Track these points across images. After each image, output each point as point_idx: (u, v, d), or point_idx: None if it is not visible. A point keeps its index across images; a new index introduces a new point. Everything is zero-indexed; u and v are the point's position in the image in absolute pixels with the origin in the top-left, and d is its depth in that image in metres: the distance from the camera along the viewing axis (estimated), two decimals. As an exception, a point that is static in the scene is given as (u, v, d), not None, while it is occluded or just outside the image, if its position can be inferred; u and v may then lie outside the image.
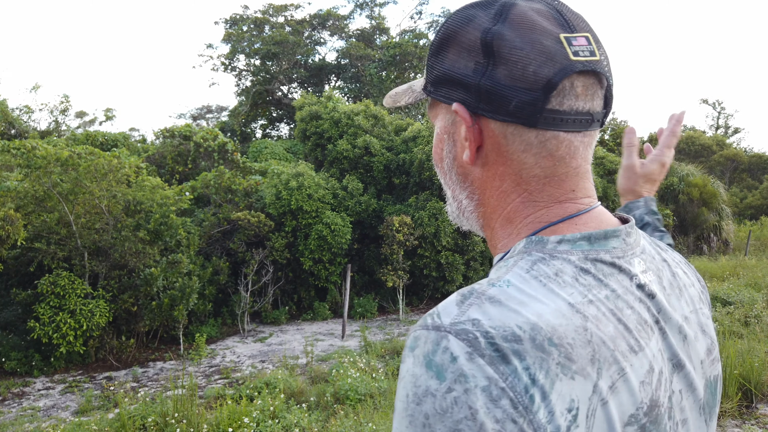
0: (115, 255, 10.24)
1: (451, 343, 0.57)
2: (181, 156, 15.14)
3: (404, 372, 0.59)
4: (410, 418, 0.56)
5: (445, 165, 0.78)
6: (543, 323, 0.59)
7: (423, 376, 0.56)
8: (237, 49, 25.59)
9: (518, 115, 0.67)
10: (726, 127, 45.08)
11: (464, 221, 0.81)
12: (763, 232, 22.36)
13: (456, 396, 0.55)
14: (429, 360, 0.57)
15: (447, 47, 0.72)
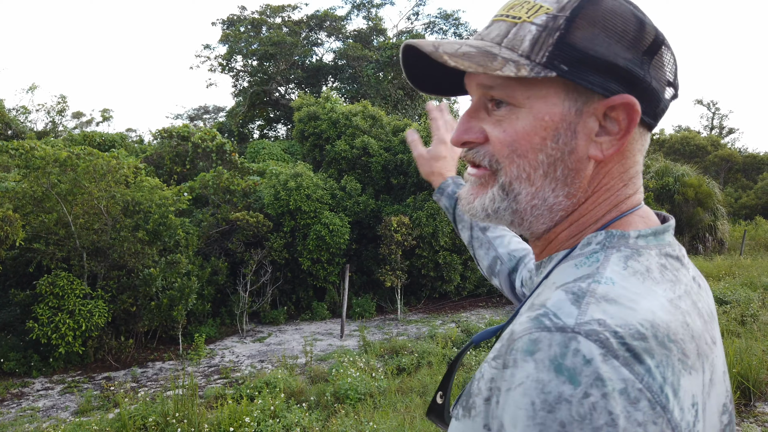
0: (113, 255, 10.25)
1: (582, 345, 0.54)
2: (179, 156, 15.15)
3: (522, 378, 0.55)
4: (541, 427, 0.52)
5: (543, 157, 0.69)
6: (659, 320, 0.58)
7: (553, 382, 0.53)
8: (234, 50, 25.61)
9: (658, 118, 0.69)
10: (720, 127, 45.31)
11: (527, 220, 0.74)
12: (758, 232, 22.49)
13: (594, 401, 0.52)
14: (558, 364, 0.54)
15: (599, 29, 0.67)
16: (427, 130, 15.06)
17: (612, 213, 0.72)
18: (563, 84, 0.68)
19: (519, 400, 0.55)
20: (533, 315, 0.60)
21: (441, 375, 7.24)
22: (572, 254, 0.70)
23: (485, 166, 0.73)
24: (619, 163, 0.71)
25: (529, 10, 0.69)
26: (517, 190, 0.71)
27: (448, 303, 14.24)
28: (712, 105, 45.38)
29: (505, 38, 0.69)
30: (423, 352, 8.71)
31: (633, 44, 0.67)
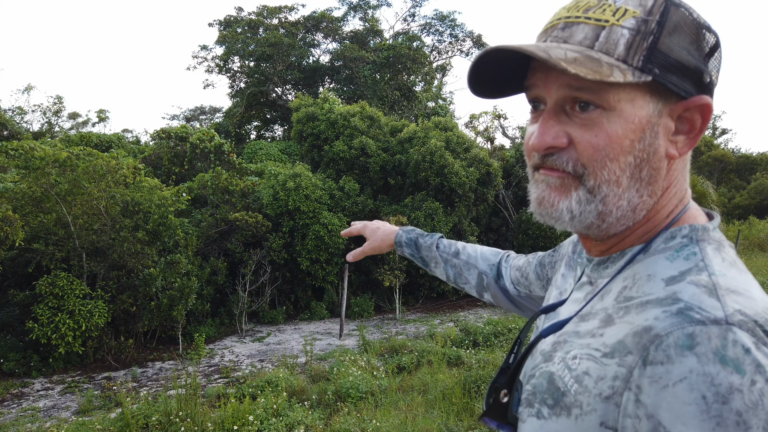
0: (113, 255, 10.27)
1: (738, 335, 0.57)
2: (177, 157, 15.16)
3: (685, 373, 0.57)
4: (717, 419, 0.53)
5: (631, 159, 0.71)
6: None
7: (721, 374, 0.55)
8: (231, 51, 25.61)
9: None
10: (714, 128, 45.52)
11: (608, 221, 0.75)
12: (752, 232, 22.65)
13: (761, 387, 0.54)
14: (722, 356, 0.56)
15: (680, 33, 0.70)
16: (424, 130, 15.13)
17: (678, 207, 0.76)
18: (649, 86, 0.70)
19: (685, 395, 0.56)
20: (673, 310, 0.62)
21: (441, 373, 7.30)
22: (654, 248, 0.73)
23: (568, 171, 0.74)
24: (683, 160, 0.77)
25: (615, 12, 0.70)
26: (604, 193, 0.72)
27: (446, 302, 14.31)
28: (705, 106, 45.62)
29: (596, 42, 0.70)
30: (422, 351, 8.76)
31: (700, 46, 0.71)
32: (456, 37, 28.40)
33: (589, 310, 0.77)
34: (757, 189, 30.12)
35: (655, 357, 0.60)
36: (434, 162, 13.77)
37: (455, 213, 14.12)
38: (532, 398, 0.76)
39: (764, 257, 16.65)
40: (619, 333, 0.66)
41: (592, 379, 0.66)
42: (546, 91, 0.74)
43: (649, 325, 0.63)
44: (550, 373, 0.74)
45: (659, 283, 0.68)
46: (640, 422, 0.59)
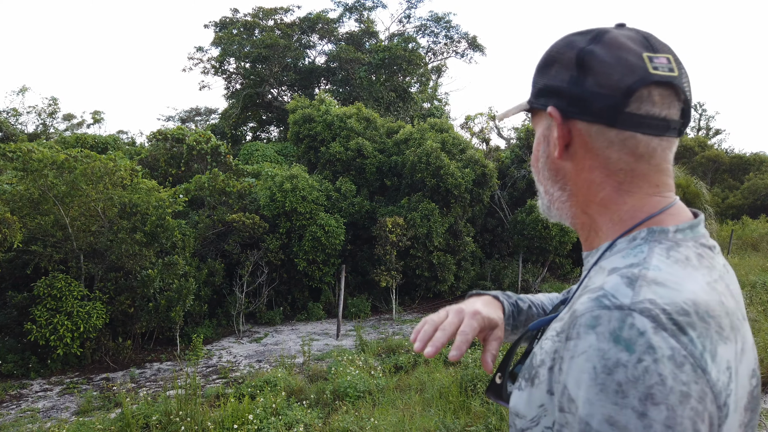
0: (111, 257, 10.31)
1: (637, 320, 0.66)
2: (174, 159, 15.19)
3: (585, 347, 0.68)
4: (601, 386, 0.65)
5: (540, 164, 0.92)
6: (699, 300, 0.70)
7: (612, 350, 0.65)
8: (227, 52, 25.62)
9: (601, 115, 0.81)
10: (708, 128, 45.76)
11: (554, 213, 0.94)
12: (745, 232, 22.81)
13: (646, 365, 0.64)
14: (616, 335, 0.66)
15: (549, 66, 0.87)
16: (420, 132, 15.21)
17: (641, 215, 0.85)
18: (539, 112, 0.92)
19: (582, 365, 0.68)
20: (593, 296, 0.73)
21: (438, 372, 7.38)
22: (618, 247, 0.84)
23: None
24: (590, 160, 0.86)
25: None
26: (541, 191, 0.95)
27: (443, 303, 14.39)
28: (699, 106, 45.83)
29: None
30: (419, 350, 8.83)
31: (566, 69, 0.85)
32: (451, 38, 28.52)
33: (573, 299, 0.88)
34: (750, 189, 30.31)
35: (571, 334, 0.72)
36: (430, 163, 13.86)
37: (451, 214, 14.22)
38: (520, 375, 0.89)
39: (758, 256, 16.80)
40: (566, 315, 0.79)
41: (546, 354, 0.81)
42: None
43: (575, 308, 0.75)
44: (533, 353, 0.87)
45: (603, 275, 0.80)
46: (559, 386, 0.73)
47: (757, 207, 29.27)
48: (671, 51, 0.84)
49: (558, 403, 0.73)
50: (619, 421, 0.64)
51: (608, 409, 0.65)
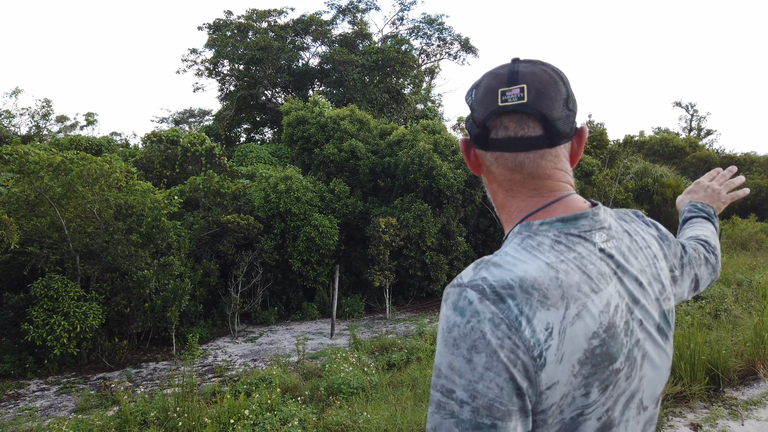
0: (107, 258, 10.41)
1: (468, 293, 0.90)
2: (168, 160, 15.29)
3: (441, 315, 0.93)
4: (445, 341, 0.89)
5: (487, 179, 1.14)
6: (528, 276, 0.91)
7: (452, 315, 0.89)
8: (221, 54, 25.71)
9: (479, 144, 1.06)
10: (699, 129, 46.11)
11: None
12: (735, 231, 23.07)
13: (472, 325, 0.87)
14: (455, 305, 0.90)
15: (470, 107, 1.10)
16: (412, 133, 15.36)
17: (524, 212, 1.07)
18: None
19: (439, 326, 0.92)
20: (455, 278, 0.97)
21: (430, 369, 7.54)
22: (506, 237, 1.08)
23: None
24: (488, 175, 1.11)
25: None
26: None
27: (436, 302, 14.56)
28: (690, 107, 46.22)
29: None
30: (412, 348, 8.99)
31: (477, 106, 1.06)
32: (444, 40, 28.71)
33: None
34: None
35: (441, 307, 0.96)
36: (423, 164, 14.02)
37: (444, 214, 14.39)
38: None
39: (746, 255, 17.04)
40: None
41: None
42: None
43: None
44: None
45: None
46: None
47: (747, 207, 29.59)
48: (531, 80, 1.02)
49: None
50: (455, 365, 0.88)
51: (448, 357, 0.89)
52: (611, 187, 17.34)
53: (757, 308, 7.87)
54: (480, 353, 0.87)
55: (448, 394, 0.89)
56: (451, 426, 0.88)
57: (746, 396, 5.50)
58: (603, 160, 18.77)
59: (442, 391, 0.89)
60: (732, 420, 4.80)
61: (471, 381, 0.88)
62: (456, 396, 0.88)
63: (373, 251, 13.15)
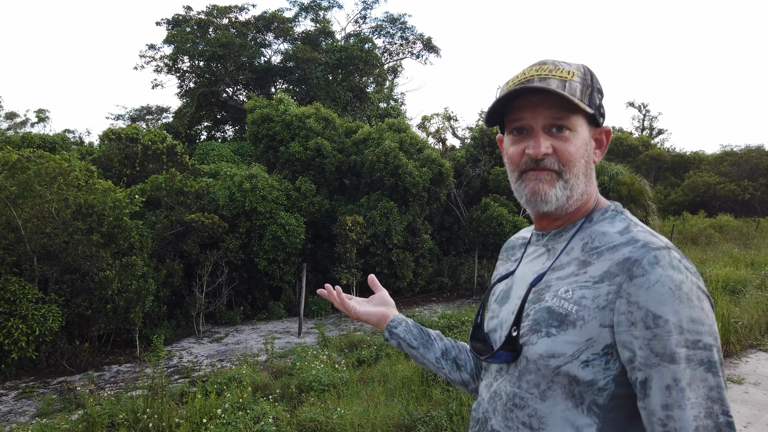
0: (67, 259, 10.13)
1: (673, 254, 1.05)
2: (128, 159, 14.94)
3: (659, 276, 1.01)
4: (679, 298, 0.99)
5: (583, 162, 1.22)
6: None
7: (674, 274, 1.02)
8: (180, 51, 25.20)
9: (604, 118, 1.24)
10: (651, 128, 47.63)
11: (570, 203, 1.23)
12: (685, 227, 23.98)
13: (690, 278, 1.02)
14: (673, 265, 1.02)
15: (597, 89, 1.22)
16: (378, 132, 15.45)
17: (596, 195, 1.24)
18: (585, 118, 1.18)
19: (660, 289, 0.99)
20: (639, 245, 1.06)
21: (400, 364, 7.64)
22: (596, 219, 1.20)
23: (553, 170, 1.16)
24: (595, 167, 1.25)
25: (568, 73, 1.16)
26: (572, 183, 1.17)
27: (402, 299, 14.69)
28: (643, 107, 47.72)
29: (564, 89, 1.13)
30: (381, 345, 9.07)
31: (601, 99, 1.21)
32: (407, 39, 28.89)
33: (559, 263, 1.19)
34: (690, 186, 31.81)
35: (636, 272, 1.02)
36: (388, 162, 14.13)
37: (409, 212, 14.53)
38: (537, 327, 1.14)
39: (697, 250, 17.78)
40: (603, 267, 1.08)
41: (589, 299, 1.08)
42: (534, 121, 1.17)
43: (628, 256, 1.05)
44: (547, 307, 1.14)
45: (614, 235, 1.13)
46: (633, 314, 1.01)
47: (696, 203, 30.76)
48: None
49: (641, 325, 0.99)
50: (695, 316, 0.98)
51: (687, 311, 0.98)
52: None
53: (710, 300, 8.24)
54: (703, 300, 1.00)
55: (693, 345, 0.97)
56: (703, 374, 0.97)
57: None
58: (562, 159, 19.18)
59: (687, 345, 0.97)
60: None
61: (710, 325, 0.99)
62: (703, 343, 0.97)
63: (339, 249, 13.18)
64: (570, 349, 1.07)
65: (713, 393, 0.97)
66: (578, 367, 1.06)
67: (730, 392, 5.59)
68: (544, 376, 1.11)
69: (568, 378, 1.07)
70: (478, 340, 1.31)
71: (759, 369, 6.27)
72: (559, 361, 1.08)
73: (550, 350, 1.09)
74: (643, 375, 1.00)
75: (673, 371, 0.97)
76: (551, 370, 1.09)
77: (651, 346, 0.98)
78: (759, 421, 4.97)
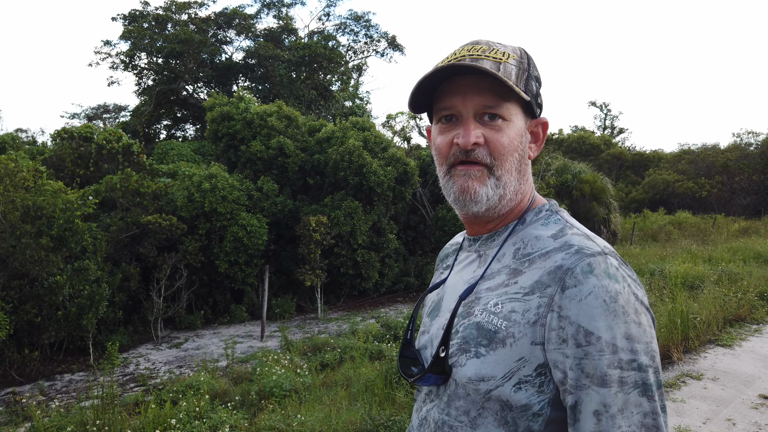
0: (14, 264, 9.64)
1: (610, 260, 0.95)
2: (81, 158, 14.36)
3: (592, 287, 0.91)
4: (613, 312, 0.89)
5: (517, 156, 1.10)
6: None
7: (610, 284, 0.92)
8: (138, 47, 24.44)
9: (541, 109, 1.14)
10: (612, 127, 48.69)
11: (503, 203, 1.12)
12: (646, 224, 24.54)
13: (628, 289, 0.93)
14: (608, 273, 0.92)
15: (533, 75, 1.11)
16: (342, 130, 15.26)
17: (531, 193, 1.12)
18: (521, 106, 1.05)
19: (593, 302, 0.88)
20: (572, 251, 0.94)
21: (364, 367, 7.49)
22: (529, 220, 1.08)
23: (484, 163, 1.03)
24: (530, 162, 1.12)
25: (503, 55, 1.03)
26: (505, 180, 1.04)
27: (368, 300, 14.54)
28: (604, 106, 48.74)
29: (499, 71, 1.00)
30: (345, 347, 8.91)
31: (538, 87, 1.09)
32: (371, 37, 28.73)
33: (490, 272, 1.06)
34: (650, 184, 32.61)
35: (569, 283, 0.90)
36: (353, 161, 13.95)
37: (374, 211, 14.38)
38: (466, 346, 1.00)
39: (656, 246, 18.15)
40: (534, 276, 0.96)
41: (519, 314, 0.95)
42: (464, 108, 1.02)
43: (560, 264, 0.93)
44: (477, 323, 1.00)
45: (548, 240, 1.01)
46: (564, 330, 0.89)
47: (656, 201, 31.55)
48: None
49: (573, 343, 0.88)
50: (631, 333, 0.87)
51: (622, 327, 0.87)
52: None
53: (669, 296, 8.36)
54: (641, 313, 0.90)
55: (628, 365, 0.87)
56: (637, 398, 0.87)
57: (662, 379, 5.79)
58: (526, 157, 19.34)
59: (621, 365, 0.86)
60: (651, 403, 5.03)
61: (647, 342, 0.89)
62: (638, 363, 0.87)
63: (303, 250, 12.94)
64: (500, 371, 0.95)
65: (648, 420, 0.87)
66: (510, 391, 0.94)
67: (690, 388, 5.62)
68: (474, 401, 0.99)
69: (500, 403, 0.95)
70: (408, 358, 1.16)
71: (717, 364, 6.34)
72: (489, 384, 0.96)
73: (480, 373, 0.97)
74: (573, 398, 0.90)
75: (603, 395, 0.87)
76: (481, 395, 0.97)
77: (582, 366, 0.88)
78: (717, 416, 5.00)
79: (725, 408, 5.14)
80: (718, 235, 20.53)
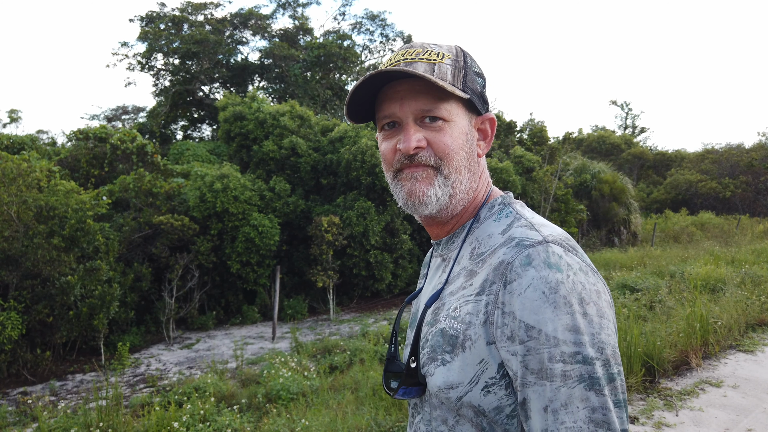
0: (27, 264, 9.69)
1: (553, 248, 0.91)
2: (96, 159, 14.45)
3: (531, 280, 0.88)
4: (554, 303, 0.85)
5: (464, 154, 1.08)
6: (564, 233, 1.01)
7: (550, 274, 0.88)
8: (154, 48, 24.60)
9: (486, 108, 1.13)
10: (633, 126, 48.02)
11: (455, 202, 1.09)
12: (667, 225, 24.06)
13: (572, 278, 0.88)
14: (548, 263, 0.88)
15: (473, 72, 1.09)
16: (355, 130, 15.17)
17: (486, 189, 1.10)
18: (463, 105, 1.04)
19: (532, 295, 0.85)
20: (513, 245, 0.92)
21: (373, 370, 7.36)
22: (483, 217, 1.06)
23: (429, 165, 1.02)
24: (484, 158, 1.11)
25: (437, 56, 1.02)
26: (454, 178, 1.03)
27: (381, 301, 14.40)
28: (625, 105, 48.08)
29: (433, 72, 0.99)
30: (355, 349, 8.79)
31: (481, 82, 1.08)
32: (387, 36, 28.62)
33: (452, 276, 1.05)
34: (672, 184, 32.04)
35: (510, 277, 0.88)
36: (365, 161, 13.82)
37: (387, 212, 14.23)
38: (434, 354, 0.99)
39: (678, 248, 17.73)
40: (483, 275, 0.94)
41: (473, 315, 0.93)
42: (403, 113, 1.02)
43: (501, 260, 0.91)
44: (441, 329, 0.99)
45: (497, 236, 0.99)
46: (508, 327, 0.87)
47: (678, 201, 30.98)
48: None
49: (517, 339, 0.86)
50: (574, 325, 0.83)
51: (564, 318, 0.83)
52: (551, 183, 17.67)
53: (689, 299, 8.08)
54: (587, 304, 0.85)
55: (571, 359, 0.83)
56: (583, 392, 0.83)
57: (680, 386, 5.57)
58: (543, 157, 19.12)
59: (564, 359, 0.83)
60: (667, 411, 4.83)
61: (594, 334, 0.84)
62: (582, 356, 0.83)
63: (315, 251, 12.84)
64: (466, 376, 0.93)
65: (597, 415, 0.82)
66: (480, 395, 0.92)
67: (709, 396, 5.38)
68: (450, 410, 0.98)
69: (473, 410, 0.94)
70: (393, 372, 1.13)
71: (738, 371, 6.07)
72: (458, 391, 0.94)
73: (448, 380, 0.96)
74: (521, 396, 0.88)
75: (547, 391, 0.84)
76: (453, 403, 0.96)
77: (526, 362, 0.86)
78: (737, 426, 4.75)
79: (746, 417, 4.89)
80: (741, 236, 20.00)
